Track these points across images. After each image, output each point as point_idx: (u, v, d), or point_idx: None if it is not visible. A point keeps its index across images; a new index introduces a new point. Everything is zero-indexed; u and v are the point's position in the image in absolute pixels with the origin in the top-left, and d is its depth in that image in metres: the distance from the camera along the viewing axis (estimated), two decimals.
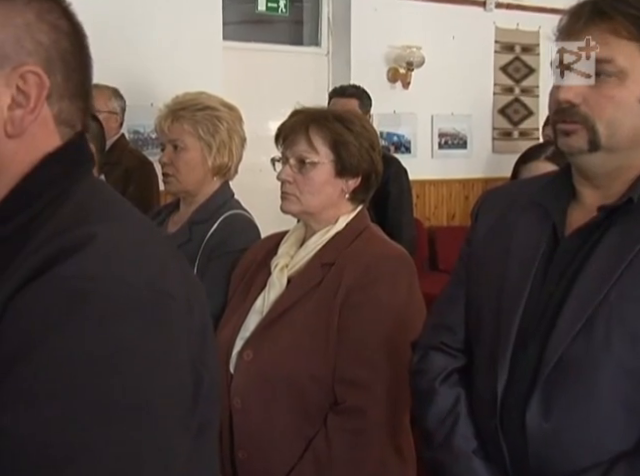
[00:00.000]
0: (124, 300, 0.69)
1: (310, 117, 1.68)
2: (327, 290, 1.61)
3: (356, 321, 1.56)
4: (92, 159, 0.86)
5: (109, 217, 0.78)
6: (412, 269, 1.65)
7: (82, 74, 0.82)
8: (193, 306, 0.77)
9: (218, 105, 2.03)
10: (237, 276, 1.83)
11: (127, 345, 0.68)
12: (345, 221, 1.70)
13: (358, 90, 3.64)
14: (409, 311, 1.58)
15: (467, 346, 1.29)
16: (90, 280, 0.69)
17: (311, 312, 1.60)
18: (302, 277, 1.66)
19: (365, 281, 1.58)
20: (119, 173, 3.30)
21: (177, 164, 2.00)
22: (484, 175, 5.58)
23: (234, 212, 2.01)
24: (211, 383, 0.80)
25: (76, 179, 0.81)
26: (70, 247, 0.71)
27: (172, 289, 0.74)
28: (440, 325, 1.32)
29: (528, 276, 1.17)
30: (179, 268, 0.79)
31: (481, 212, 1.32)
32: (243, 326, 1.68)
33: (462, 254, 1.34)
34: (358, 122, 1.70)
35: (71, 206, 0.78)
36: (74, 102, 0.82)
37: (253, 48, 4.81)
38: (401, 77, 5.14)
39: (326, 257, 1.66)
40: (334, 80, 4.93)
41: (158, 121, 2.03)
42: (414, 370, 1.33)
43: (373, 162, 1.70)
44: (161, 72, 4.14)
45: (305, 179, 1.66)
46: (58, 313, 0.67)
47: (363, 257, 1.62)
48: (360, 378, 1.54)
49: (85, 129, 0.85)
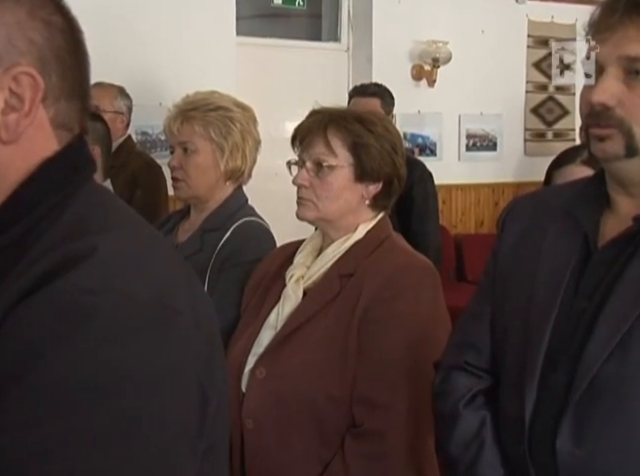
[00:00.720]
0: (128, 316, 0.70)
1: (328, 118, 1.68)
2: (345, 303, 1.61)
3: (376, 337, 1.56)
4: (93, 163, 0.86)
5: (112, 226, 0.78)
6: (437, 281, 1.64)
7: (79, 73, 0.83)
8: (200, 322, 0.78)
9: (231, 105, 2.04)
10: (250, 288, 1.83)
11: (130, 365, 0.69)
12: (365, 229, 1.70)
13: (380, 89, 3.65)
14: (434, 327, 1.57)
15: (493, 366, 1.28)
16: (92, 294, 0.69)
17: (328, 327, 1.60)
18: (319, 289, 1.66)
19: (386, 294, 1.58)
20: (125, 177, 3.32)
21: (187, 168, 2.01)
22: (515, 179, 5.55)
23: (248, 219, 2.02)
24: (219, 403, 0.80)
25: (76, 185, 0.81)
26: (70, 259, 0.71)
27: (178, 304, 0.75)
28: (464, 343, 1.31)
29: (558, 291, 1.17)
30: (186, 281, 0.80)
31: (508, 222, 1.32)
32: (256, 342, 1.68)
33: (487, 267, 1.34)
34: (380, 123, 1.70)
35: (71, 215, 0.78)
36: (71, 103, 0.82)
37: (268, 44, 4.83)
38: (426, 74, 5.13)
39: (344, 268, 1.66)
40: (354, 78, 4.94)
41: (167, 122, 2.04)
42: (436, 392, 1.32)
43: (395, 166, 1.70)
44: (170, 69, 4.17)
45: (322, 184, 1.67)
46: (57, 330, 0.67)
47: (384, 268, 1.62)
48: (380, 399, 1.54)
49: (84, 131, 0.85)
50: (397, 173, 1.71)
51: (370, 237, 1.69)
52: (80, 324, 0.67)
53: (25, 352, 0.67)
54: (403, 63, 5.09)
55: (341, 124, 1.66)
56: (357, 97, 3.57)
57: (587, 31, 1.13)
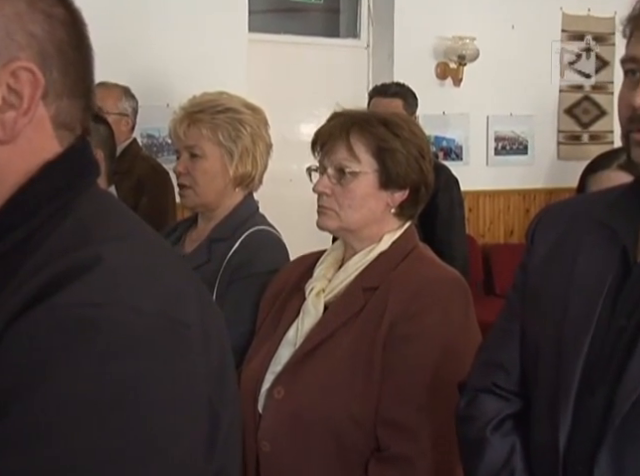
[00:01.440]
0: (135, 330, 0.70)
1: (351, 121, 1.68)
2: (370, 319, 1.61)
3: (403, 355, 1.56)
4: (97, 167, 0.86)
5: (117, 235, 0.78)
6: (467, 295, 1.64)
7: (82, 69, 0.83)
8: (210, 337, 0.78)
9: (240, 107, 2.05)
10: (266, 302, 1.84)
11: (136, 381, 0.69)
12: (390, 240, 1.70)
13: (402, 89, 3.65)
14: (465, 344, 1.56)
15: (523, 388, 1.27)
16: (96, 307, 0.69)
17: (351, 344, 1.60)
18: (341, 303, 1.67)
19: (413, 309, 1.58)
20: (130, 183, 3.34)
21: (194, 174, 2.02)
22: (547, 185, 5.54)
23: (259, 228, 2.02)
24: (230, 424, 0.80)
25: (79, 191, 0.81)
26: (73, 269, 0.71)
27: (187, 318, 0.75)
28: (491, 363, 1.31)
29: (594, 308, 1.16)
30: (195, 293, 0.80)
31: (538, 233, 1.31)
32: (274, 359, 1.68)
33: (516, 281, 1.33)
34: (406, 126, 1.70)
35: (73, 222, 0.78)
36: (74, 101, 0.82)
37: (282, 41, 4.85)
38: (452, 73, 5.14)
39: (369, 281, 1.66)
40: (375, 77, 4.95)
41: (173, 125, 2.05)
42: (461, 416, 1.32)
43: (423, 172, 1.70)
44: (178, 68, 4.20)
45: (345, 191, 1.67)
46: (60, 345, 0.67)
47: (411, 281, 1.62)
48: (407, 421, 1.54)
49: (87, 132, 0.85)
50: (424, 180, 1.71)
51: (396, 248, 1.69)
52: (84, 339, 0.68)
53: (26, 368, 0.67)
54: (427, 61, 5.09)
55: (365, 128, 1.67)
56: (378, 98, 3.57)
57: (626, 25, 1.12)
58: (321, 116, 1.77)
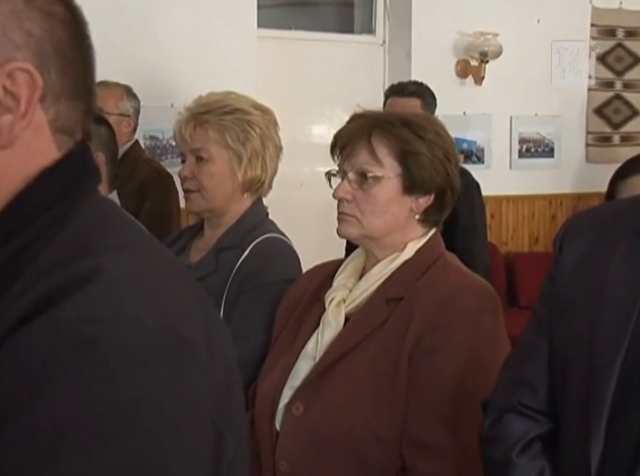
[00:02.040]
0: (139, 347, 0.70)
1: (373, 122, 1.69)
2: (394, 331, 1.61)
3: (430, 370, 1.56)
4: (97, 173, 0.87)
5: (119, 245, 0.79)
6: (498, 306, 1.65)
7: (82, 69, 0.83)
8: (215, 354, 0.78)
9: (249, 107, 2.06)
10: (283, 313, 1.85)
11: (139, 404, 0.69)
12: (415, 247, 1.71)
13: (420, 88, 3.65)
14: (494, 358, 1.55)
15: (551, 407, 1.27)
16: (96, 323, 0.69)
17: (375, 357, 1.61)
18: (363, 315, 1.67)
19: (440, 320, 1.58)
20: (132, 188, 3.36)
21: (201, 178, 2.03)
22: (575, 190, 5.53)
23: (269, 236, 2.03)
24: (237, 446, 0.80)
25: (78, 198, 0.82)
26: (71, 283, 0.71)
27: (192, 334, 0.75)
28: (517, 381, 1.31)
29: (628, 321, 1.15)
30: (200, 308, 0.80)
31: (567, 241, 1.31)
32: (292, 374, 1.69)
33: (543, 293, 1.33)
34: (431, 128, 1.71)
35: (72, 232, 0.78)
36: (73, 104, 0.82)
37: (293, 37, 4.87)
38: (473, 71, 5.14)
39: (392, 291, 1.67)
40: (391, 75, 4.96)
41: (178, 127, 2.07)
42: (486, 436, 1.31)
43: (449, 176, 1.71)
44: (182, 67, 4.22)
45: (367, 197, 1.68)
46: (56, 364, 0.67)
47: (438, 291, 1.62)
48: (434, 440, 1.54)
49: (87, 136, 0.86)
50: (450, 184, 1.72)
51: (421, 256, 1.70)
52: (82, 357, 0.68)
53: (21, 387, 0.67)
54: (447, 58, 5.10)
55: (387, 129, 1.68)
56: (394, 97, 3.58)
57: None
58: (333, 116, 1.79)
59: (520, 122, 5.39)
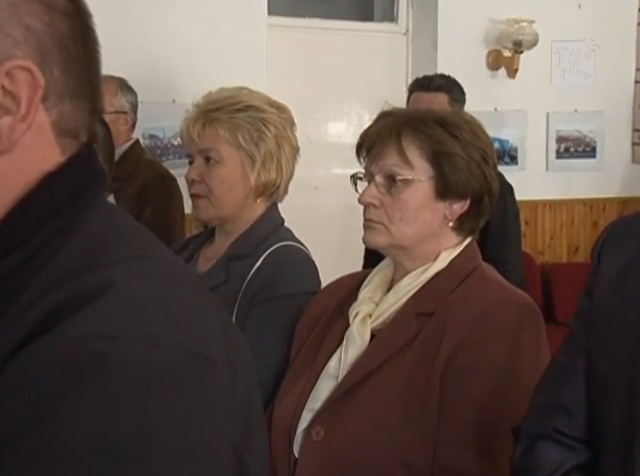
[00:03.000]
0: (153, 367, 0.71)
1: (403, 121, 1.71)
2: (424, 348, 1.62)
3: (464, 391, 1.58)
4: (104, 178, 0.88)
5: (130, 256, 0.79)
6: (539, 322, 1.66)
7: (87, 66, 0.84)
8: (236, 373, 0.79)
9: (263, 104, 2.07)
10: (303, 329, 1.86)
11: (155, 428, 0.69)
12: (448, 258, 1.73)
13: (447, 81, 3.67)
14: (535, 379, 1.53)
15: (590, 434, 1.27)
16: (107, 340, 0.70)
17: (403, 377, 1.62)
18: (391, 331, 1.69)
19: (476, 337, 1.60)
20: (132, 191, 3.38)
21: (210, 182, 2.04)
22: (620, 194, 5.52)
23: (285, 244, 2.04)
24: (259, 472, 0.83)
25: (85, 206, 0.83)
26: (81, 298, 0.72)
27: (212, 352, 0.76)
28: (551, 405, 1.31)
29: None
30: (219, 323, 0.81)
31: (606, 251, 1.32)
32: (312, 395, 1.71)
33: (580, 308, 1.34)
34: (467, 127, 1.73)
35: (79, 242, 0.80)
36: (77, 104, 0.83)
37: (307, 25, 4.89)
38: (506, 62, 5.15)
39: (423, 305, 1.68)
40: (415, 68, 4.97)
41: (185, 126, 2.08)
42: (517, 466, 1.32)
43: (486, 179, 1.72)
44: (185, 58, 4.23)
45: (396, 202, 1.70)
46: (65, 385, 0.68)
47: (473, 305, 1.64)
48: (470, 469, 1.55)
49: (93, 139, 0.87)
50: (488, 188, 1.73)
51: (455, 267, 1.72)
52: (93, 377, 0.69)
53: (28, 411, 0.68)
54: (476, 48, 5.11)
55: (418, 128, 1.70)
56: (419, 92, 3.59)
57: None
58: (351, 113, 1.81)
59: (558, 119, 5.39)
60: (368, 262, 3.16)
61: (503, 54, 5.14)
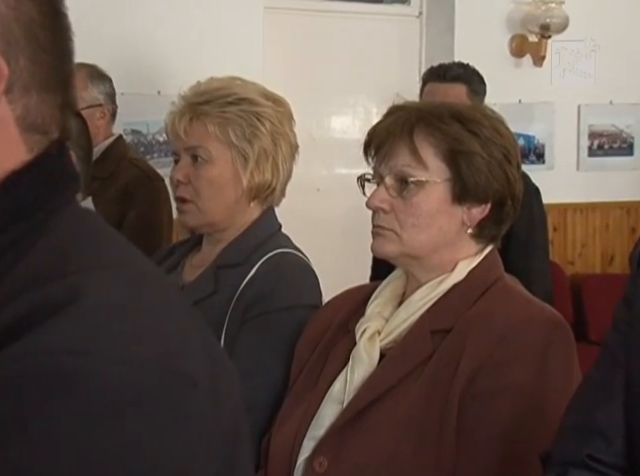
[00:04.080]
0: (124, 386, 0.71)
1: (416, 116, 1.72)
2: (441, 370, 1.63)
3: (485, 418, 1.58)
4: (76, 179, 0.90)
5: (103, 264, 0.80)
6: (570, 341, 1.67)
7: (58, 55, 0.85)
8: (220, 395, 0.80)
9: (258, 97, 2.08)
10: (303, 348, 1.87)
11: (127, 455, 0.70)
12: (467, 268, 1.74)
13: (466, 70, 3.68)
14: (565, 404, 1.53)
15: (629, 461, 1.27)
16: (76, 357, 0.70)
17: (417, 402, 1.62)
18: (403, 350, 1.70)
19: (499, 357, 1.60)
20: (114, 193, 3.39)
21: (197, 183, 2.05)
22: None
23: (282, 251, 2.05)
24: None
25: (54, 210, 0.84)
26: (45, 308, 0.72)
27: (193, 370, 0.76)
28: (586, 428, 1.32)
29: None
30: (201, 339, 0.81)
31: None
32: (314, 421, 1.72)
33: (617, 320, 1.34)
34: (487, 122, 1.74)
35: (45, 249, 0.80)
36: (46, 97, 0.84)
37: (308, 8, 4.89)
38: (531, 48, 5.15)
39: (439, 321, 1.69)
40: (429, 55, 4.99)
41: (170, 119, 2.08)
42: None
43: (509, 181, 1.73)
44: (171, 45, 4.23)
45: (408, 206, 1.71)
46: (29, 407, 0.68)
47: (495, 322, 1.64)
48: None
49: (65, 135, 0.88)
50: (511, 190, 1.74)
51: (474, 279, 1.73)
52: (60, 396, 0.69)
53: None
54: (498, 33, 5.12)
55: (433, 124, 1.71)
56: (434, 83, 3.60)
57: None
58: (357, 106, 1.83)
59: (591, 112, 5.40)
60: (376, 273, 3.16)
61: (528, 39, 5.15)
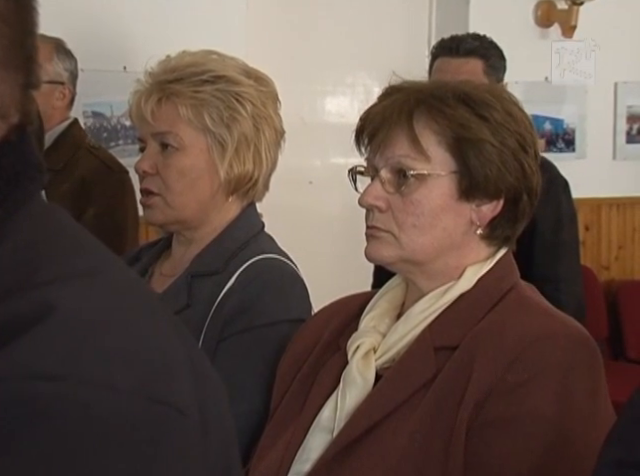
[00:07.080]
0: (105, 415, 0.72)
1: (415, 97, 1.71)
2: (446, 393, 1.63)
3: (498, 451, 1.58)
4: (41, 171, 0.90)
5: (76, 273, 0.81)
6: (597, 360, 1.66)
7: (19, 28, 0.86)
8: (209, 422, 0.81)
9: (238, 74, 2.08)
10: (287, 369, 1.87)
11: None
12: (476, 275, 1.74)
13: (482, 43, 3.68)
14: (591, 434, 1.57)
15: None
16: (47, 382, 0.71)
17: (418, 431, 1.62)
18: (402, 370, 1.69)
19: (513, 380, 1.60)
20: (69, 187, 3.39)
21: (166, 174, 2.05)
22: None
23: (265, 257, 2.05)
24: None
25: (15, 206, 0.85)
26: (12, 325, 0.73)
27: (178, 397, 0.78)
28: (630, 464, 1.31)
29: None
30: (186, 357, 0.83)
31: None
32: (300, 453, 1.72)
33: None
34: (499, 105, 1.73)
35: (9, 252, 0.81)
36: (6, 75, 0.85)
37: None
38: (560, 18, 5.18)
39: (443, 336, 1.69)
40: (440, 26, 5.00)
41: (135, 100, 2.08)
42: None
43: (524, 173, 1.73)
44: (139, 15, 4.24)
45: (407, 204, 1.71)
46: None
47: (509, 338, 1.64)
48: None
49: (27, 120, 0.89)
50: (528, 184, 1.74)
51: (484, 288, 1.73)
52: (28, 427, 0.69)
53: None
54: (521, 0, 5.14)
55: (436, 108, 1.70)
56: (445, 58, 3.61)
57: None
58: (357, 86, 1.81)
59: (629, 91, 5.44)
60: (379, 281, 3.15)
61: (557, 6, 5.18)
